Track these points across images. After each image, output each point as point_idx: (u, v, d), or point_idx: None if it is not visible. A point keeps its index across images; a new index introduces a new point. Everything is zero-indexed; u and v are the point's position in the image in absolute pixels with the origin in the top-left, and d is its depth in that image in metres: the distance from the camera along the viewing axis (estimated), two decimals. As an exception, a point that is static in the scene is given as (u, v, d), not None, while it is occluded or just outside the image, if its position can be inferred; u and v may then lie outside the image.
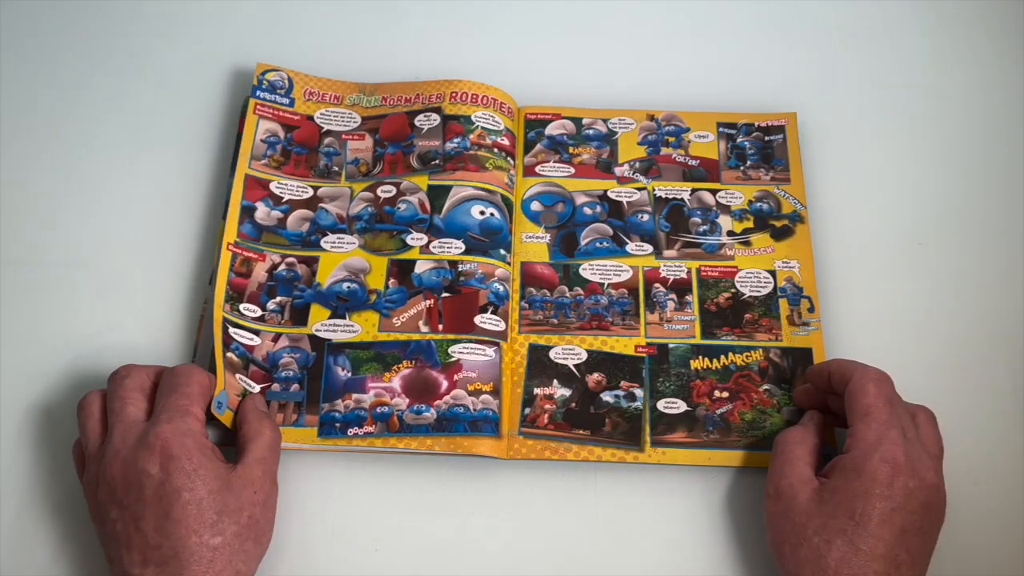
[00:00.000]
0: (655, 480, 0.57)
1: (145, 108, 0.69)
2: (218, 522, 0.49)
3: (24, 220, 0.65)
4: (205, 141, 0.68)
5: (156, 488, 0.49)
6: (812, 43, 0.73)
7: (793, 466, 0.52)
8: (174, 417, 0.51)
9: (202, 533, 0.49)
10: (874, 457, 0.49)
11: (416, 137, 0.67)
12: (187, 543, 0.48)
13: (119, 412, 0.52)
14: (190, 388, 0.53)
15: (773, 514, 0.52)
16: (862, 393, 0.52)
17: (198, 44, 0.72)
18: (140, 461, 0.49)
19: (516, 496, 0.57)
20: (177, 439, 0.50)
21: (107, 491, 0.50)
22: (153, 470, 0.49)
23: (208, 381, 0.54)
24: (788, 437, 0.54)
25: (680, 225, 0.65)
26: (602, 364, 0.60)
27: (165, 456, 0.49)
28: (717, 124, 0.69)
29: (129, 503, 0.49)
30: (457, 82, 0.68)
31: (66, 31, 0.72)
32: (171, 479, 0.49)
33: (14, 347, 0.61)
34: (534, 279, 0.63)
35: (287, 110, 0.68)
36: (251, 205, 0.64)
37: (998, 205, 0.67)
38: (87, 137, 0.68)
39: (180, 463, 0.49)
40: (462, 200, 0.64)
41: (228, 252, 0.61)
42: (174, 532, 0.48)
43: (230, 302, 0.60)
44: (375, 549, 0.55)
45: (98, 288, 0.63)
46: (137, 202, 0.66)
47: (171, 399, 0.52)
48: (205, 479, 0.49)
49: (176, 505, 0.48)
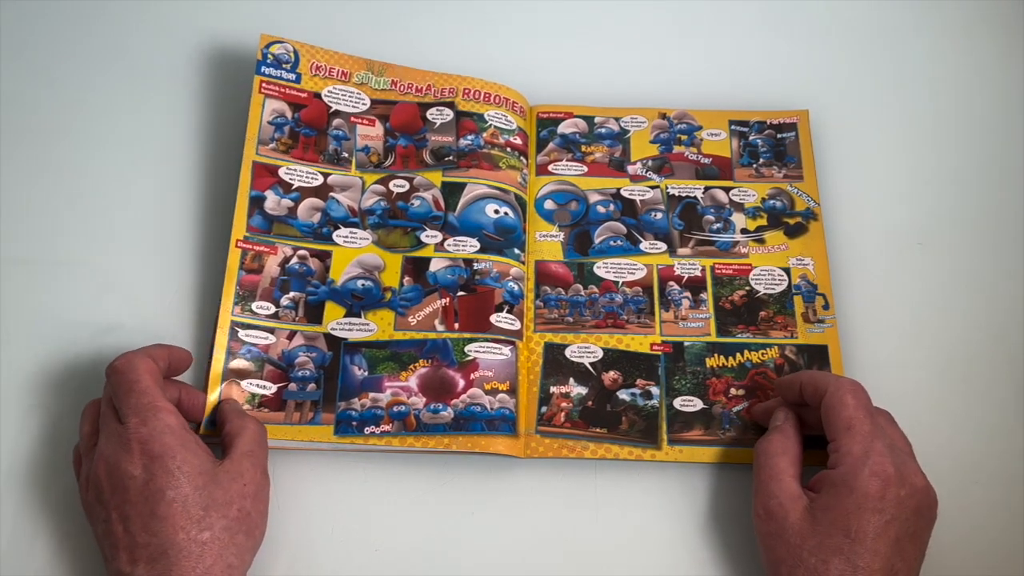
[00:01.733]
0: (672, 478, 0.57)
1: (145, 104, 0.69)
2: (205, 517, 0.49)
3: (24, 219, 0.65)
4: (207, 134, 0.68)
5: (140, 489, 0.49)
6: (824, 41, 0.73)
7: (780, 482, 0.51)
8: (148, 418, 0.50)
9: (189, 529, 0.49)
10: (863, 472, 0.49)
11: (428, 131, 0.67)
12: (175, 540, 0.48)
13: (107, 415, 0.52)
14: (142, 382, 0.51)
15: (765, 535, 0.51)
16: (841, 405, 0.51)
17: (199, 36, 0.72)
18: (122, 463, 0.49)
19: (527, 495, 0.57)
20: (157, 438, 0.50)
21: (95, 493, 0.50)
22: (136, 471, 0.49)
23: (155, 366, 0.53)
24: (769, 448, 0.53)
25: (694, 223, 0.65)
26: (618, 362, 0.60)
27: (147, 457, 0.49)
28: (729, 122, 0.69)
29: (116, 504, 0.49)
30: (469, 79, 0.68)
31: (63, 30, 0.72)
32: (154, 479, 0.49)
33: (14, 347, 0.61)
34: (549, 278, 0.63)
35: (294, 87, 0.66)
36: (260, 195, 0.62)
37: (1013, 202, 0.67)
38: (86, 134, 0.68)
39: (163, 462, 0.49)
40: (476, 198, 0.64)
41: (237, 250, 0.61)
42: (161, 530, 0.48)
43: (241, 303, 0.60)
44: (375, 549, 0.55)
45: (98, 288, 0.63)
46: (137, 200, 0.66)
47: (131, 400, 0.51)
48: (189, 475, 0.49)
49: (161, 504, 0.49)
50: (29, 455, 0.57)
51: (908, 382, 0.60)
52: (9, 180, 0.66)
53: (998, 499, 0.55)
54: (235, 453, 0.52)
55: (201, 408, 0.56)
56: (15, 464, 0.57)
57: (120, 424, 0.51)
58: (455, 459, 0.58)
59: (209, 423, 0.56)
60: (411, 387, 0.58)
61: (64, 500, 0.56)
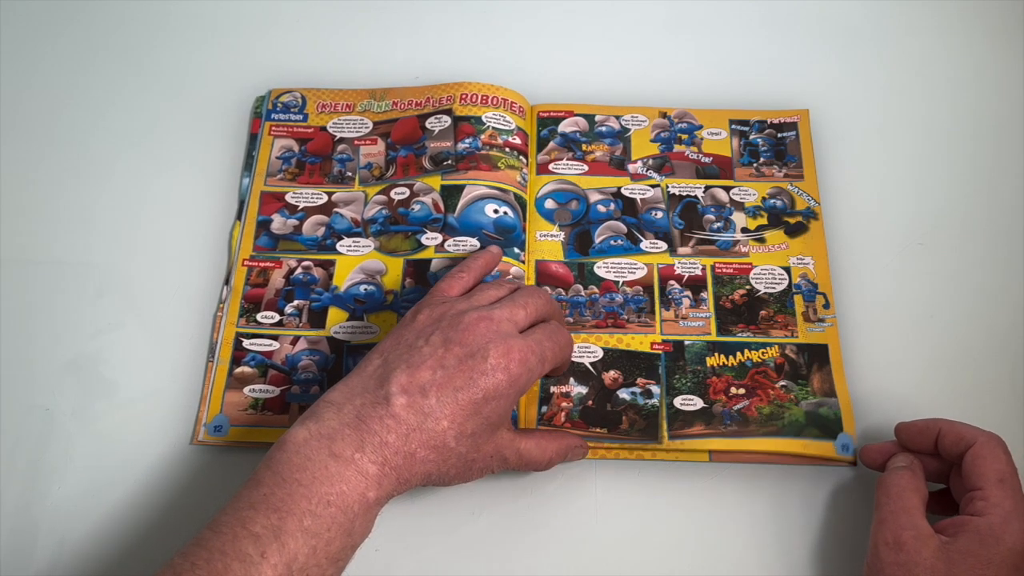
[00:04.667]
0: (672, 478, 0.57)
1: (149, 108, 0.69)
2: (475, 436, 0.49)
3: (25, 219, 0.65)
4: (210, 142, 0.68)
5: (489, 373, 0.49)
6: (824, 40, 0.73)
7: (912, 516, 0.50)
8: (565, 346, 0.53)
9: (466, 427, 0.48)
10: (1015, 525, 0.48)
11: (428, 139, 0.67)
12: (455, 419, 0.48)
13: (543, 305, 0.54)
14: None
15: (891, 564, 0.49)
16: (994, 459, 0.50)
17: (204, 44, 0.72)
18: (518, 351, 0.50)
19: (528, 495, 0.57)
20: (538, 365, 0.51)
21: (452, 327, 0.50)
22: (511, 365, 0.49)
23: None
24: (901, 483, 0.52)
25: (694, 222, 0.65)
26: (618, 361, 0.60)
27: (523, 367, 0.50)
28: (729, 121, 0.69)
29: (453, 358, 0.49)
30: (467, 84, 0.68)
31: (66, 32, 0.72)
32: (515, 381, 0.49)
33: (14, 347, 0.61)
34: (549, 278, 0.63)
35: (301, 125, 0.68)
36: (267, 219, 0.64)
37: (1014, 201, 0.67)
38: (91, 137, 0.68)
39: (520, 382, 0.50)
40: (476, 199, 0.64)
41: (244, 268, 0.62)
42: (463, 401, 0.48)
43: (245, 315, 0.61)
44: (375, 549, 0.55)
45: (98, 288, 0.63)
46: (140, 202, 0.66)
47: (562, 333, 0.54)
48: (511, 405, 0.50)
49: (483, 394, 0.48)
50: (29, 455, 0.57)
51: (908, 382, 0.60)
52: (9, 180, 0.66)
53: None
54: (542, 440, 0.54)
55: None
56: (15, 465, 0.57)
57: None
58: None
59: (213, 429, 0.56)
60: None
61: (64, 501, 0.56)
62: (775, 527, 0.56)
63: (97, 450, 0.56)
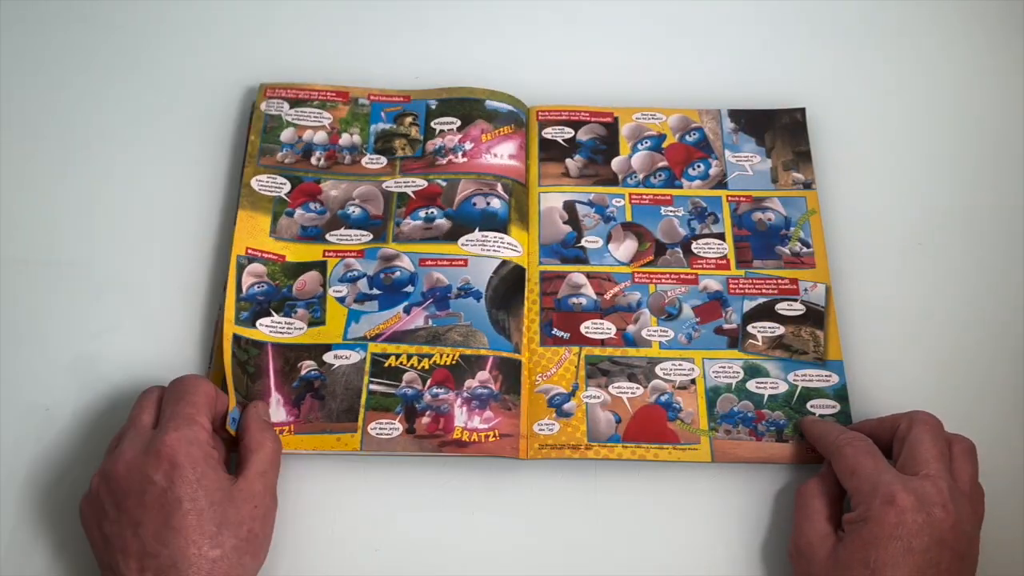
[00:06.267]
0: (672, 478, 0.58)
1: (147, 108, 0.69)
2: (218, 534, 0.49)
3: (26, 219, 0.65)
4: (210, 140, 0.68)
5: (159, 496, 0.49)
6: (821, 39, 0.73)
7: (811, 522, 0.52)
8: (181, 425, 0.51)
9: (201, 544, 0.48)
10: (875, 503, 0.49)
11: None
12: (186, 553, 0.48)
13: (135, 418, 0.53)
14: (196, 397, 0.53)
15: (797, 574, 0.53)
16: (841, 457, 0.53)
17: (199, 42, 0.72)
18: (146, 467, 0.49)
19: (528, 495, 0.57)
20: (183, 448, 0.50)
21: (108, 490, 0.50)
22: (157, 477, 0.49)
23: (214, 393, 0.54)
24: (806, 491, 0.54)
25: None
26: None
27: (170, 464, 0.49)
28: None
29: (128, 507, 0.49)
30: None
31: (60, 33, 0.72)
32: (174, 488, 0.49)
33: (14, 347, 0.61)
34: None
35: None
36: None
37: (1014, 201, 0.67)
38: (91, 137, 0.68)
39: (184, 472, 0.49)
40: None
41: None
42: (173, 541, 0.48)
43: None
44: (375, 549, 0.56)
45: (98, 288, 0.63)
46: (139, 203, 0.66)
47: (178, 407, 0.52)
48: (208, 490, 0.49)
49: (177, 514, 0.48)
50: (29, 455, 0.58)
51: (908, 382, 0.60)
52: (10, 181, 0.66)
53: (998, 499, 0.55)
54: (250, 472, 0.52)
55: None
56: (15, 465, 0.57)
57: (152, 429, 0.52)
58: (456, 459, 0.58)
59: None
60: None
61: (65, 501, 0.56)
62: (775, 527, 0.56)
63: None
